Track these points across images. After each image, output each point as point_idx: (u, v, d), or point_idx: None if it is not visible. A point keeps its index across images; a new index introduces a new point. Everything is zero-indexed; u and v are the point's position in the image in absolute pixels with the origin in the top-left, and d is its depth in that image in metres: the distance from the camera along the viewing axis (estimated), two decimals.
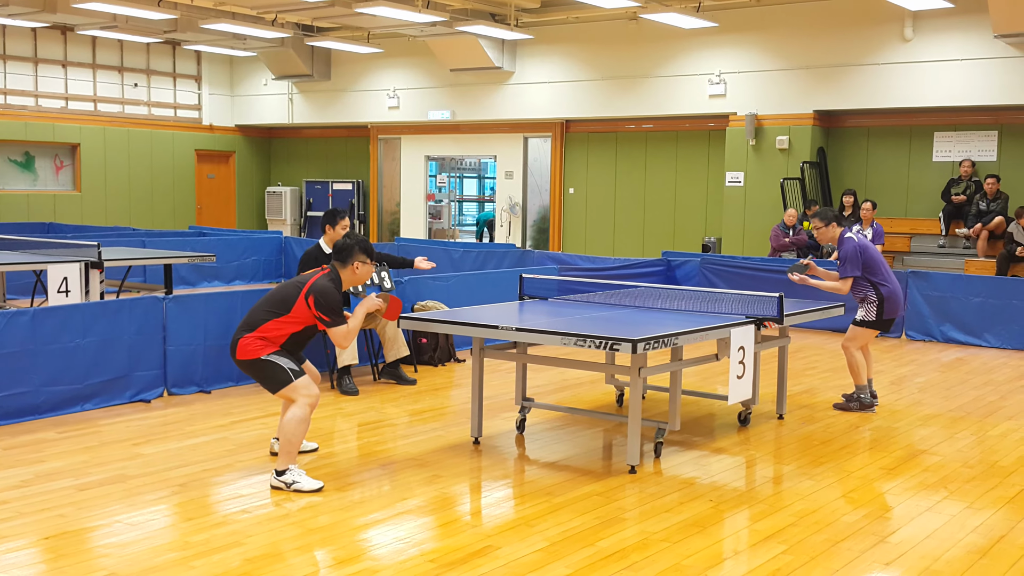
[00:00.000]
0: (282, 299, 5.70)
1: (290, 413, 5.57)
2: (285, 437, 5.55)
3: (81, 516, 5.07)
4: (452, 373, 9.16)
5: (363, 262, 5.85)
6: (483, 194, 28.13)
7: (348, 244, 5.87)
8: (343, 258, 5.86)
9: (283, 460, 5.58)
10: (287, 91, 22.94)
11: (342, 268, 5.84)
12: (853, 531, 5.10)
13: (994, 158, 15.47)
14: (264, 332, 5.65)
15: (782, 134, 16.59)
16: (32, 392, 6.94)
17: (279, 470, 5.57)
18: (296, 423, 5.54)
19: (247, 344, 5.64)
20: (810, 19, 16.21)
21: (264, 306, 5.74)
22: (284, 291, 5.75)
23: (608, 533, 5.00)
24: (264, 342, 5.64)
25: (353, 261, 5.83)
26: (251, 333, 5.65)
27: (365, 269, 5.87)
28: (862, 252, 7.66)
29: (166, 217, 22.76)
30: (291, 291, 5.71)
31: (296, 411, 5.56)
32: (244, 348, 5.64)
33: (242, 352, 5.65)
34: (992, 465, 6.40)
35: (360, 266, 5.85)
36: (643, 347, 5.56)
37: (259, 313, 5.71)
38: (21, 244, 11.20)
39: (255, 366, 5.65)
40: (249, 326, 5.69)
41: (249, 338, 5.65)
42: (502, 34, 17.70)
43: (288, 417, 5.56)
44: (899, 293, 7.78)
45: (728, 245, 17.16)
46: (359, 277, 5.87)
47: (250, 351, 5.63)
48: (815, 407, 8.03)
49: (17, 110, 20.54)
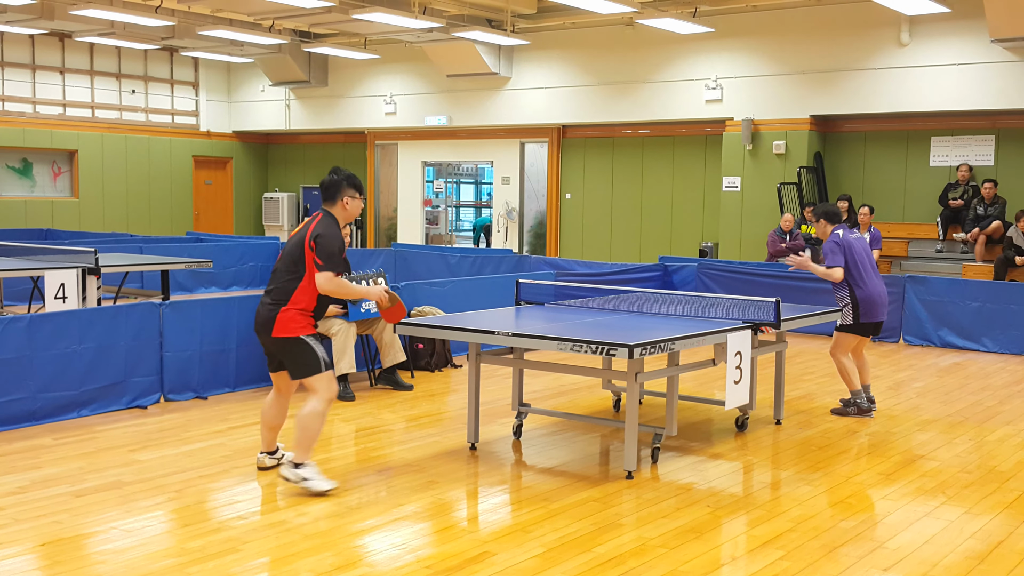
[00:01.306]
0: (293, 259, 5.52)
1: (310, 406, 5.52)
2: (305, 432, 5.51)
3: (77, 522, 5.05)
4: (449, 379, 9.15)
5: (352, 196, 5.65)
6: (480, 199, 28.13)
7: (334, 179, 5.65)
8: (332, 195, 5.63)
9: (302, 452, 5.55)
10: (284, 97, 22.95)
11: (332, 206, 5.65)
12: (851, 537, 5.09)
13: (991, 162, 15.48)
14: (297, 303, 5.49)
15: (779, 139, 16.61)
16: (29, 398, 6.93)
17: (297, 462, 5.54)
18: (317, 416, 5.51)
19: (286, 319, 5.47)
20: (806, 24, 16.24)
21: (281, 274, 5.54)
22: (292, 251, 5.54)
23: (605, 539, 4.99)
24: (302, 316, 5.51)
25: (342, 196, 5.63)
26: (287, 306, 5.48)
27: (355, 204, 5.66)
28: (844, 248, 7.66)
29: (164, 223, 22.75)
30: (297, 247, 5.52)
31: (317, 405, 5.52)
32: (283, 323, 5.46)
33: (282, 327, 5.47)
34: (990, 470, 6.40)
35: (350, 201, 5.64)
36: (639, 352, 5.55)
37: (284, 280, 5.52)
38: (18, 250, 11.18)
39: (292, 345, 5.51)
40: (279, 300, 5.51)
41: (288, 311, 5.48)
42: (498, 40, 17.72)
43: (308, 410, 5.51)
44: (877, 296, 7.70)
45: (725, 250, 17.17)
46: (351, 213, 5.67)
47: (289, 328, 5.47)
48: (812, 412, 8.02)
49: (15, 116, 20.54)
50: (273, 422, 5.92)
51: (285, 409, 5.93)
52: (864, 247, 7.85)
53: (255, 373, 8.36)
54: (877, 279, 7.80)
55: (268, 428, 5.95)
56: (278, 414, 5.90)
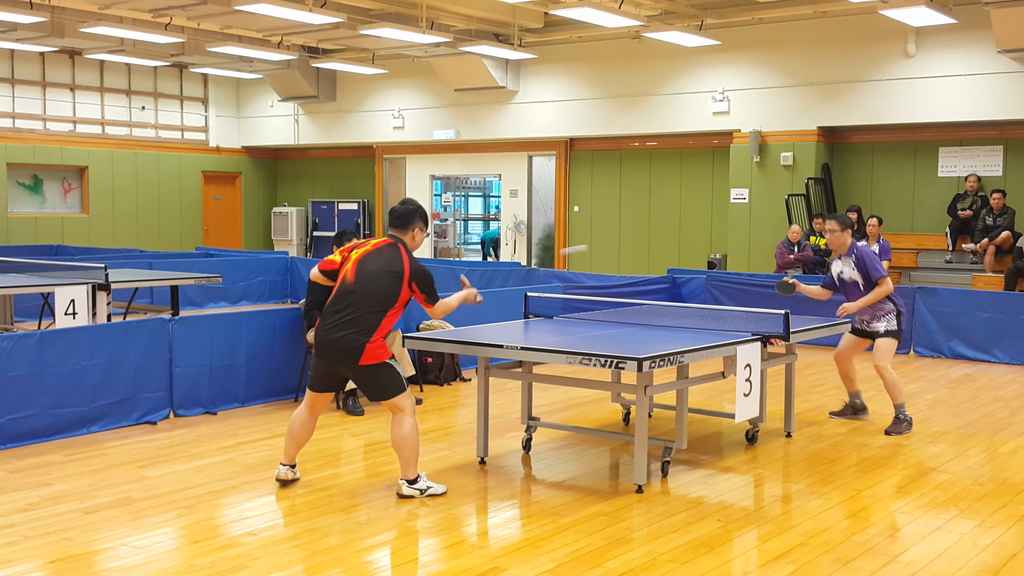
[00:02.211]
0: (386, 295, 5.67)
1: (407, 425, 5.70)
2: (409, 447, 5.70)
3: (87, 539, 5.05)
4: (458, 392, 9.14)
5: (421, 229, 5.89)
6: (488, 212, 28.17)
7: (408, 209, 5.87)
8: (404, 224, 5.86)
9: (412, 469, 5.76)
10: (293, 112, 23.04)
11: (403, 234, 5.85)
12: (863, 550, 5.07)
13: (1000, 173, 15.45)
14: (383, 332, 5.68)
15: (786, 151, 16.61)
16: (39, 415, 6.94)
17: (410, 479, 5.74)
18: (414, 432, 5.74)
19: (374, 349, 5.63)
20: (813, 36, 16.25)
21: (371, 305, 5.64)
22: (383, 285, 5.67)
23: (616, 554, 4.97)
24: (384, 343, 5.71)
25: (414, 227, 5.86)
26: (374, 335, 5.63)
27: (421, 236, 5.93)
28: None
29: (173, 239, 22.83)
30: (390, 283, 5.69)
31: (410, 420, 5.72)
32: (372, 353, 5.62)
33: (369, 356, 5.62)
34: (1003, 483, 6.36)
35: (418, 233, 5.89)
36: (649, 365, 5.54)
37: (371, 310, 5.63)
38: (28, 267, 11.23)
39: (380, 370, 5.68)
40: (367, 329, 5.62)
41: (375, 342, 5.64)
42: (506, 54, 17.77)
43: (407, 430, 5.69)
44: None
45: (734, 262, 17.14)
46: (417, 243, 5.92)
47: (377, 355, 5.65)
48: (823, 424, 7.99)
49: (26, 133, 20.66)
50: (301, 438, 5.96)
51: (314, 426, 6.00)
52: None
53: (265, 388, 8.38)
54: None
55: (294, 443, 5.96)
56: (307, 431, 5.96)
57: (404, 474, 5.80)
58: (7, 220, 20.45)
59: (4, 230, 20.30)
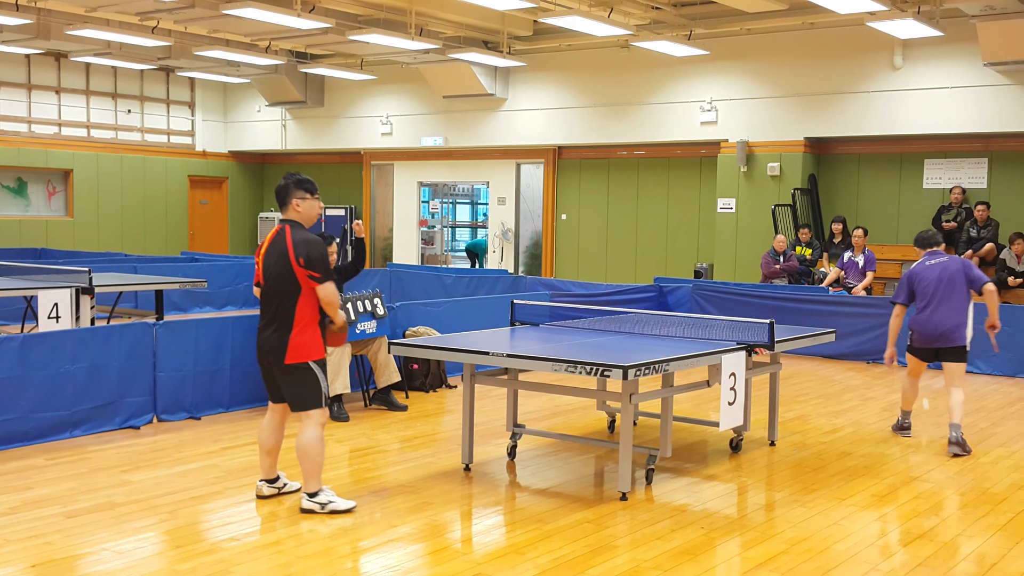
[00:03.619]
0: (283, 281, 5.41)
1: (309, 435, 5.50)
2: (310, 459, 5.49)
3: (69, 543, 5.02)
4: (444, 399, 9.14)
5: (302, 198, 5.55)
6: (476, 220, 28.17)
7: (282, 185, 5.57)
8: (282, 200, 5.56)
9: (313, 482, 5.54)
10: (280, 117, 23.01)
11: (286, 212, 5.57)
12: (845, 559, 5.08)
13: (984, 185, 15.55)
14: (302, 322, 5.42)
15: (773, 161, 16.67)
16: (21, 419, 6.90)
17: (310, 492, 5.53)
18: (317, 443, 5.51)
19: (300, 343, 5.40)
20: (800, 47, 16.33)
21: (276, 297, 5.43)
22: (279, 271, 5.43)
23: (599, 561, 4.97)
24: (314, 339, 5.46)
25: (291, 199, 5.55)
26: (296, 329, 5.41)
27: (307, 204, 5.56)
28: (910, 280, 7.81)
29: (159, 243, 22.75)
30: (283, 267, 5.42)
31: (314, 431, 5.52)
32: (297, 348, 5.40)
33: (294, 353, 5.41)
34: (984, 492, 6.39)
35: (300, 203, 5.55)
36: (634, 373, 5.55)
37: (282, 303, 5.43)
38: (12, 270, 11.17)
39: (300, 372, 5.45)
40: (286, 325, 5.43)
41: (299, 336, 5.41)
42: (495, 61, 17.79)
43: (308, 439, 5.49)
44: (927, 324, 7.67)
45: (720, 271, 17.19)
46: (305, 214, 5.56)
47: (302, 352, 5.42)
48: (807, 433, 8.02)
49: (10, 136, 20.56)
50: (271, 446, 5.80)
51: (282, 432, 5.84)
52: (941, 275, 7.68)
53: (249, 393, 8.35)
54: (940, 307, 7.65)
55: (266, 453, 5.82)
56: (275, 436, 5.79)
57: (305, 486, 5.58)
58: None
59: None
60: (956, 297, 7.64)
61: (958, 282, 7.65)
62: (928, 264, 7.77)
